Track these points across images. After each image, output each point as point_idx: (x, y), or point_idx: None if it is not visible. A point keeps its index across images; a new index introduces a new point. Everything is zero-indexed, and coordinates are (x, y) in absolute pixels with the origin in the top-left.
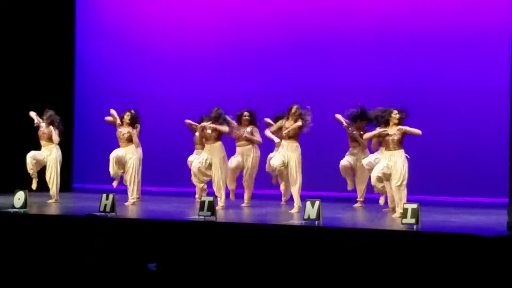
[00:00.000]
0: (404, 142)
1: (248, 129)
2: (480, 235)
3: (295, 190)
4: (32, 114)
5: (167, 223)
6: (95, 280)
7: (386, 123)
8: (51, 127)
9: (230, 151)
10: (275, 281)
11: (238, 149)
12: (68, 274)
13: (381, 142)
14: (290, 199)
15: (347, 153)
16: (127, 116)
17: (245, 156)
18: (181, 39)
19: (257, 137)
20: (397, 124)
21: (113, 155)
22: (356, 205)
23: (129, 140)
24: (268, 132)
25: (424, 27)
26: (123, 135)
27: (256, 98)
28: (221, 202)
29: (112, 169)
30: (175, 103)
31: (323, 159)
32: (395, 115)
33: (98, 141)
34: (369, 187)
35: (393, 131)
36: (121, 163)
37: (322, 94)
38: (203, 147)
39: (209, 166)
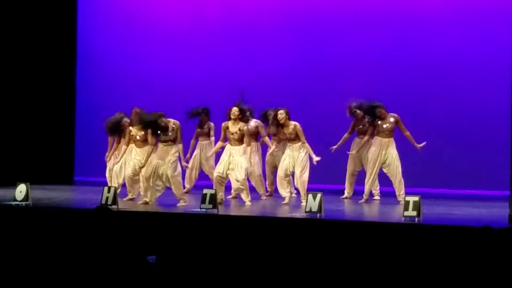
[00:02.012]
0: (403, 136)
1: (244, 127)
2: (481, 228)
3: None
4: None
5: (169, 215)
6: (96, 273)
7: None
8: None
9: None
10: (276, 274)
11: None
12: (70, 268)
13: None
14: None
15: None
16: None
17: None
18: (185, 28)
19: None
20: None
21: None
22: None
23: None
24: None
25: (421, 6)
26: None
27: (261, 82)
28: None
29: None
30: (178, 93)
31: (324, 152)
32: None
33: (99, 134)
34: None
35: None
36: None
37: (323, 85)
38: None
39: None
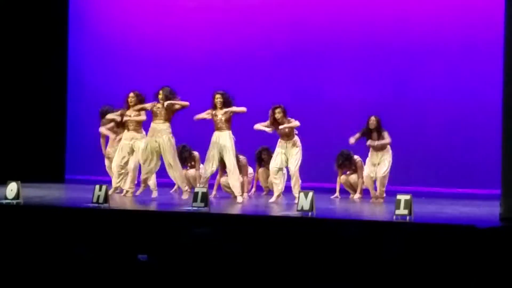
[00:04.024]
0: (394, 133)
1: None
2: (473, 226)
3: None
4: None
5: (161, 214)
6: (88, 271)
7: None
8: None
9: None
10: (268, 272)
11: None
12: (61, 266)
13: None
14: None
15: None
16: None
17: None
18: (176, 44)
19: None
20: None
21: None
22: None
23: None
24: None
25: (414, 36)
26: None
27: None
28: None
29: None
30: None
31: (317, 150)
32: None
33: (91, 132)
34: None
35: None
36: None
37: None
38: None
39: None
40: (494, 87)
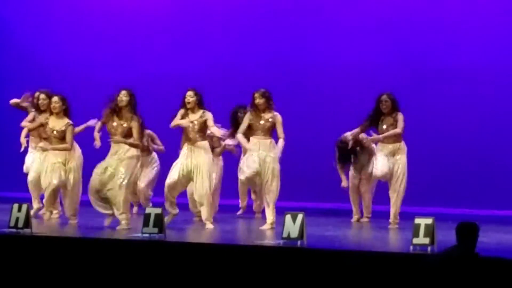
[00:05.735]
0: (417, 144)
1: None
2: None
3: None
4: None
5: (101, 242)
6: None
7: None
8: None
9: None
10: None
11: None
12: None
13: None
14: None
15: None
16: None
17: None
18: (118, 9)
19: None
20: None
21: None
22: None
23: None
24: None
25: (429, 8)
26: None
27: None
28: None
29: None
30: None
31: (308, 164)
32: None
33: (8, 142)
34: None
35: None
36: None
37: (308, 85)
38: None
39: None
40: None
